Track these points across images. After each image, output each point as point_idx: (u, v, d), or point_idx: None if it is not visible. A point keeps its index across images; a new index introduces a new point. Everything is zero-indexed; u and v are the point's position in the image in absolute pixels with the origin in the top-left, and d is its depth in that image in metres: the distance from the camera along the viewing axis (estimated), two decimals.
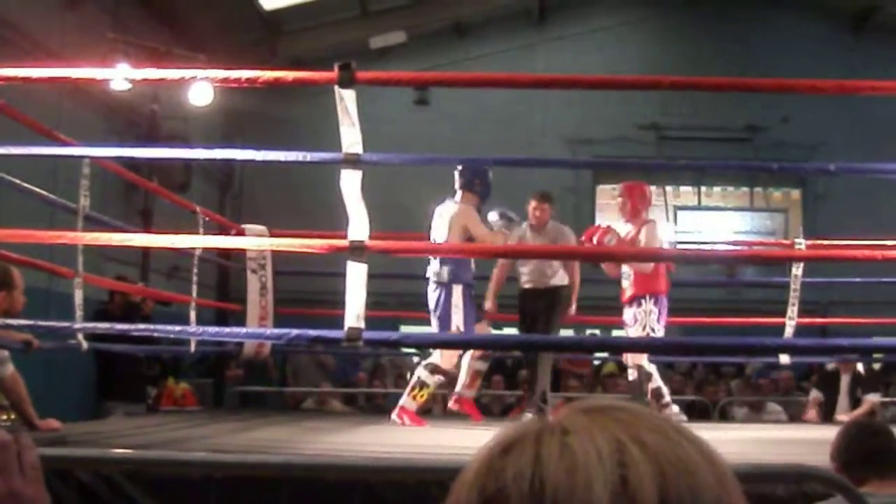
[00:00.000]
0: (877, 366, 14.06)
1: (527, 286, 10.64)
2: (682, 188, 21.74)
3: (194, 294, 10.56)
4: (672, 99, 18.58)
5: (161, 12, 16.75)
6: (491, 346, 10.25)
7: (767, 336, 10.91)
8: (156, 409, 12.28)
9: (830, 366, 13.01)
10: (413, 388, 9.68)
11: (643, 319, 10.04)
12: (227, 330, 7.00)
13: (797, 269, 10.80)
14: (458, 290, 9.44)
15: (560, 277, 10.57)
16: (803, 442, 8.68)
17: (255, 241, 10.25)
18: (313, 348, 13.23)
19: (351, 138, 5.74)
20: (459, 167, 9.95)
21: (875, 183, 17.08)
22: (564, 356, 14.65)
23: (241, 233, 11.05)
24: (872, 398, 12.13)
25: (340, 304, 5.71)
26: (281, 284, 11.25)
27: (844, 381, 12.62)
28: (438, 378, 9.85)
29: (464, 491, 1.14)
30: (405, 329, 17.59)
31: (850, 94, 7.73)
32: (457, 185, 9.94)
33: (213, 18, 17.90)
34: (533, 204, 10.84)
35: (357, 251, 5.63)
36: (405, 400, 9.68)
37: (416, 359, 13.91)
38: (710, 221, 21.40)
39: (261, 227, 10.95)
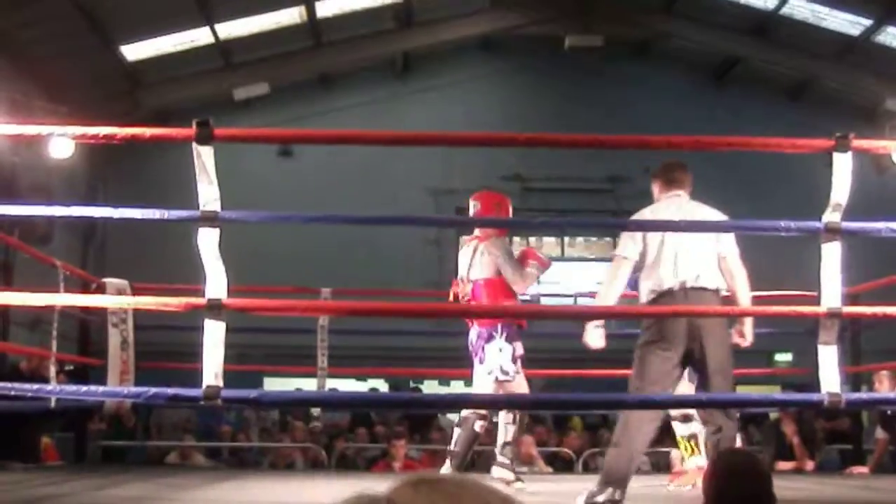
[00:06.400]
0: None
1: None
2: (546, 239, 21.99)
3: (54, 349, 10.43)
4: (535, 150, 18.71)
5: (21, 62, 16.56)
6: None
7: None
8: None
9: None
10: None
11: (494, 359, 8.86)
12: (85, 388, 6.92)
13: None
14: None
15: None
16: (664, 496, 8.76)
17: (113, 299, 10.16)
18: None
19: (208, 195, 5.73)
20: None
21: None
22: None
23: (101, 287, 10.96)
24: None
25: (203, 357, 5.71)
26: (142, 338, 11.15)
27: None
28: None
29: None
30: (269, 382, 17.58)
31: (707, 149, 7.91)
32: None
33: (74, 69, 17.75)
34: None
35: (214, 309, 5.64)
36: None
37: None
38: (573, 272, 21.51)
39: (121, 282, 10.88)
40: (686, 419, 9.12)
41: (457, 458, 8.98)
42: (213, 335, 5.65)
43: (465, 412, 9.06)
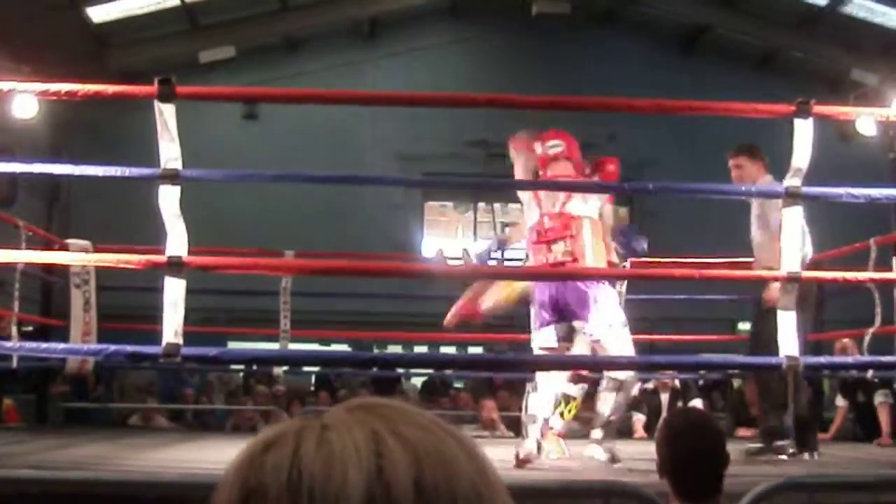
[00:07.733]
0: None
1: None
2: (511, 205, 21.93)
3: (16, 309, 10.39)
4: (500, 116, 18.64)
5: None
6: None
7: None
8: None
9: (649, 385, 13.43)
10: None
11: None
12: (45, 345, 6.93)
13: (621, 287, 10.95)
14: None
15: None
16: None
17: (72, 255, 10.12)
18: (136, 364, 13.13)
19: (170, 153, 5.73)
20: None
21: (702, 201, 17.39)
22: None
23: (64, 248, 10.92)
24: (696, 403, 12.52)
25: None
26: (105, 300, 11.12)
27: (664, 398, 13.06)
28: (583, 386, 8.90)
29: (226, 488, 1.19)
30: (232, 346, 17.55)
31: (668, 113, 7.96)
32: None
33: (39, 30, 17.61)
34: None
35: (175, 267, 5.63)
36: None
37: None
38: None
39: (84, 243, 10.82)
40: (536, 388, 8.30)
41: (612, 424, 8.14)
42: (174, 293, 5.65)
43: (622, 376, 8.08)
